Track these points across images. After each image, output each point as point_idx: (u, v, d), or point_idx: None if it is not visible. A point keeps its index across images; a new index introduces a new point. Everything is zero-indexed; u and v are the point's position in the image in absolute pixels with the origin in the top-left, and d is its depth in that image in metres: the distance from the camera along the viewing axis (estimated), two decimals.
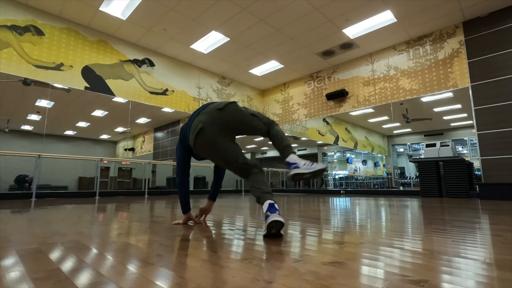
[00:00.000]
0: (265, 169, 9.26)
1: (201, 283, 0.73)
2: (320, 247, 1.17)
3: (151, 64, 6.24)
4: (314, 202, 4.21)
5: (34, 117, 6.89)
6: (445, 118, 6.96)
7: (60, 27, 5.04)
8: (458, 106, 6.26)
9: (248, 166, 1.57)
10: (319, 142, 9.03)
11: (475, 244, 1.20)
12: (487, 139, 4.77)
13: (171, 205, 3.55)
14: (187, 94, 6.80)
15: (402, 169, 8.39)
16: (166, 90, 6.41)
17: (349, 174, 9.38)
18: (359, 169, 9.22)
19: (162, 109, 6.67)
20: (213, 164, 1.87)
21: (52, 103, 6.05)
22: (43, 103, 6.09)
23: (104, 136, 9.06)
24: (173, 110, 6.67)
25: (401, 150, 8.48)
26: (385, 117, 7.24)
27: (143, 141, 9.14)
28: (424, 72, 5.59)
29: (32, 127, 7.34)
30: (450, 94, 5.57)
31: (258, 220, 2.07)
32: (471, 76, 5.01)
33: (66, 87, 5.14)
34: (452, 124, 7.15)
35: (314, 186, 9.51)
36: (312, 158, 9.81)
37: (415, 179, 7.87)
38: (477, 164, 5.14)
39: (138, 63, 6.02)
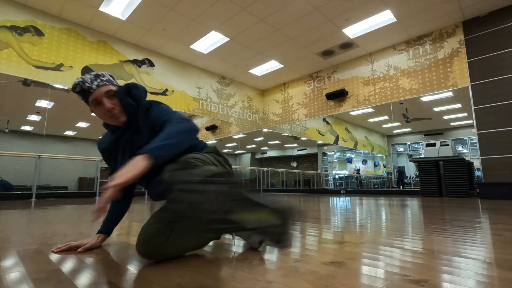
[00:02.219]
0: (265, 169, 9.28)
1: (202, 283, 0.73)
2: (320, 246, 1.17)
3: (151, 64, 6.24)
4: (314, 202, 4.21)
5: (34, 117, 6.89)
6: (445, 117, 6.96)
7: (59, 28, 5.04)
8: (458, 105, 6.26)
9: None
10: (319, 142, 9.03)
11: (475, 243, 1.20)
12: (487, 138, 4.77)
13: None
14: (187, 94, 6.80)
15: (402, 169, 8.39)
16: (166, 90, 6.41)
17: (349, 174, 9.38)
18: (359, 169, 9.22)
19: None
20: None
21: (52, 103, 6.06)
22: (43, 103, 6.09)
23: None
24: None
25: (401, 149, 8.48)
26: (385, 117, 7.25)
27: None
28: (424, 72, 5.59)
29: (32, 128, 7.34)
30: (450, 94, 5.57)
31: None
32: (471, 76, 5.01)
33: (66, 88, 5.14)
34: (452, 124, 7.15)
35: (315, 186, 9.51)
36: (312, 157, 9.81)
37: (415, 178, 7.88)
38: (477, 163, 5.14)
39: (137, 63, 6.02)
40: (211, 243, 1.25)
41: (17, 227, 1.74)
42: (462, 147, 7.14)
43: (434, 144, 5.58)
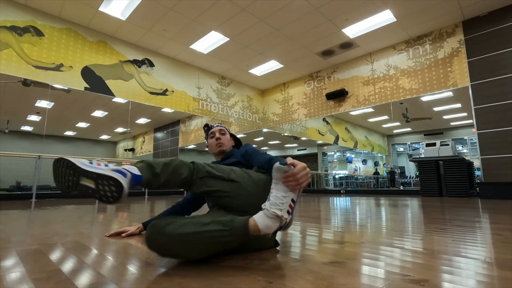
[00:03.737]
0: None
1: (202, 283, 0.73)
2: (321, 246, 1.17)
3: (151, 64, 6.24)
4: (314, 202, 4.21)
5: (34, 117, 6.89)
6: (445, 117, 6.96)
7: (59, 28, 5.04)
8: (458, 105, 6.26)
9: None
10: (319, 141, 9.03)
11: (475, 243, 1.20)
12: (487, 138, 4.77)
13: (171, 205, 3.55)
14: (187, 94, 6.79)
15: (402, 169, 8.39)
16: (166, 90, 6.41)
17: (349, 173, 9.39)
18: (359, 169, 9.22)
19: (162, 110, 6.67)
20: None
21: (52, 103, 6.05)
22: (43, 103, 6.09)
23: (104, 137, 9.06)
24: (173, 111, 6.67)
25: (401, 149, 8.48)
26: (385, 117, 7.25)
27: (143, 142, 9.14)
28: (424, 72, 5.59)
29: (32, 128, 7.34)
30: (450, 94, 5.57)
31: None
32: (471, 75, 5.01)
33: (66, 88, 5.14)
34: (452, 123, 7.15)
35: (315, 186, 9.50)
36: (312, 157, 9.81)
37: (415, 178, 7.88)
38: (477, 163, 5.14)
39: (137, 63, 6.02)
40: None
41: (17, 227, 1.74)
42: (462, 146, 7.14)
43: (434, 144, 5.58)
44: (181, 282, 0.74)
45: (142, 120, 8.23)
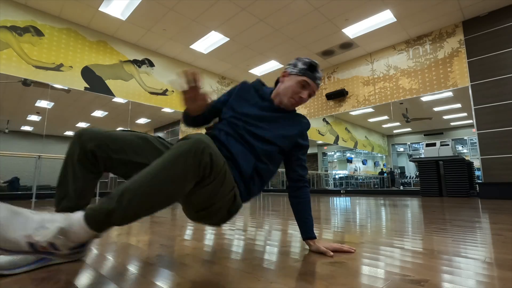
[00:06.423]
0: None
1: (202, 283, 0.73)
2: None
3: (151, 64, 6.24)
4: (314, 202, 4.20)
5: (34, 117, 6.89)
6: (445, 117, 6.96)
7: (59, 28, 5.04)
8: (458, 105, 6.26)
9: None
10: (319, 142, 9.03)
11: (475, 243, 1.20)
12: (487, 138, 4.77)
13: (172, 205, 3.55)
14: None
15: (402, 169, 8.39)
16: (166, 90, 6.41)
17: (349, 174, 9.38)
18: (359, 169, 9.22)
19: (162, 110, 6.67)
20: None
21: (52, 103, 6.05)
22: (43, 103, 6.08)
23: None
24: (173, 111, 6.67)
25: (401, 149, 8.48)
26: (385, 117, 7.25)
27: None
28: (424, 72, 5.59)
29: (32, 128, 7.33)
30: (450, 94, 5.57)
31: (258, 220, 2.07)
32: (471, 76, 5.01)
33: (66, 88, 5.14)
34: (452, 124, 7.15)
35: (315, 186, 9.51)
36: (312, 157, 9.81)
37: (415, 178, 7.88)
38: (477, 163, 5.14)
39: (137, 63, 6.02)
40: (211, 243, 1.25)
41: None
42: (462, 147, 7.14)
43: (434, 144, 5.58)
44: (181, 283, 0.74)
45: (142, 120, 8.23)
